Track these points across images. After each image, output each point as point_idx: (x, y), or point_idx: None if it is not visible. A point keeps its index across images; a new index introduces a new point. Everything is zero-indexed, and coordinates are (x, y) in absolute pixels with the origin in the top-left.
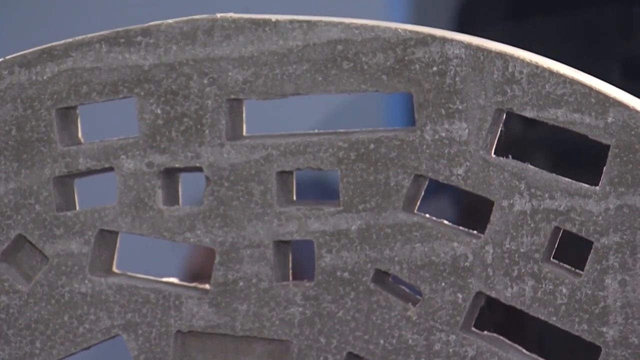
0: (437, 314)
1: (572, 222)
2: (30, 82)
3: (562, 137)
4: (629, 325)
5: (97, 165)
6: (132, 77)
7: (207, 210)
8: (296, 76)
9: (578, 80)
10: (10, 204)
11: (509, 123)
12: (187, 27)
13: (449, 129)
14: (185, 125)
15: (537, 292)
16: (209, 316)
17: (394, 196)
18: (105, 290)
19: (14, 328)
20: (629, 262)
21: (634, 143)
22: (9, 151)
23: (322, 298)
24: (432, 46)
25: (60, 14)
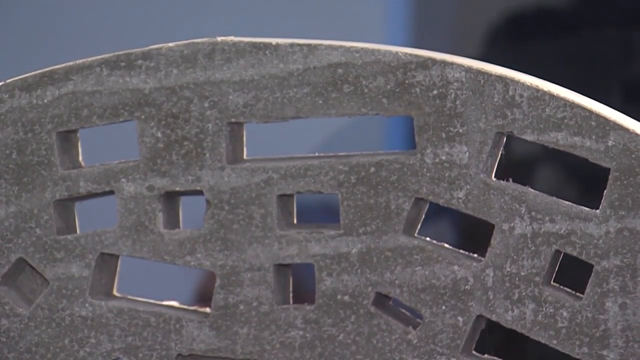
0: (438, 337)
1: (573, 246)
2: (31, 106)
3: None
4: (630, 348)
5: (98, 188)
6: (132, 100)
7: (208, 234)
8: (297, 99)
9: (578, 104)
10: (11, 227)
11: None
12: (188, 50)
13: (449, 152)
14: (186, 148)
15: (538, 315)
16: (210, 339)
17: (394, 219)
18: (106, 313)
19: (14, 351)
20: (630, 285)
21: (634, 166)
22: (10, 174)
23: (322, 321)
24: (433, 69)
25: (61, 37)
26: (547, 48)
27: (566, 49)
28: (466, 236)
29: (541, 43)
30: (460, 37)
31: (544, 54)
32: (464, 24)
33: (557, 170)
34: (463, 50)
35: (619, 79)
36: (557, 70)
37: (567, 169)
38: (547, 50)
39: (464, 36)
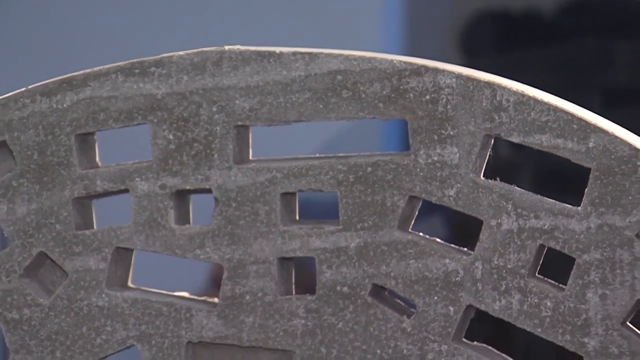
0: (430, 325)
1: (556, 240)
2: (51, 110)
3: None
4: (609, 336)
5: (114, 187)
6: (146, 105)
7: (216, 229)
8: (299, 104)
9: (561, 108)
10: (33, 223)
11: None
12: (197, 58)
13: (441, 153)
14: (196, 149)
15: (523, 305)
16: (218, 328)
17: (389, 216)
18: (121, 303)
19: (36, 339)
20: (609, 278)
21: (613, 166)
22: (31, 174)
23: (323, 311)
24: (426, 76)
25: (79, 46)
26: (533, 56)
27: (550, 57)
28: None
29: (527, 52)
30: (452, 46)
31: (530, 62)
32: (455, 33)
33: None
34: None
35: (598, 85)
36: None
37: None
38: (533, 58)
39: (455, 45)
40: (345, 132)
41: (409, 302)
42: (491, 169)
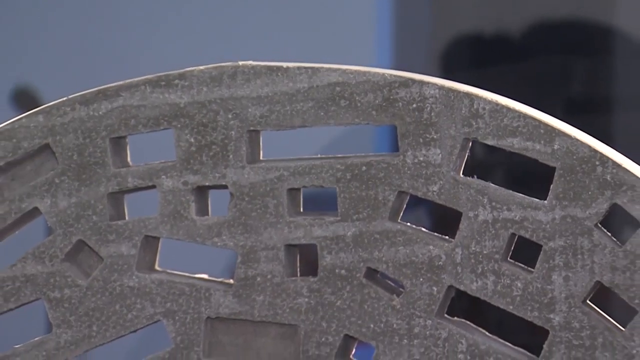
0: (417, 303)
1: (525, 229)
2: (88, 117)
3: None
4: (572, 312)
5: (143, 183)
6: (170, 112)
7: (231, 220)
8: (303, 112)
9: (530, 115)
10: (72, 215)
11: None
12: (215, 72)
13: (426, 154)
14: (214, 151)
15: (497, 285)
16: (233, 305)
17: (381, 208)
18: (149, 284)
19: (75, 315)
20: (572, 262)
21: (575, 166)
22: (71, 172)
23: (324, 290)
24: (413, 87)
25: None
26: (504, 71)
27: (519, 72)
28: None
29: (499, 67)
30: (435, 61)
31: (502, 76)
32: (438, 51)
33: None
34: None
35: (560, 96)
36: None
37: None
38: (504, 73)
39: (438, 60)
40: (343, 136)
41: (398, 283)
42: (469, 168)
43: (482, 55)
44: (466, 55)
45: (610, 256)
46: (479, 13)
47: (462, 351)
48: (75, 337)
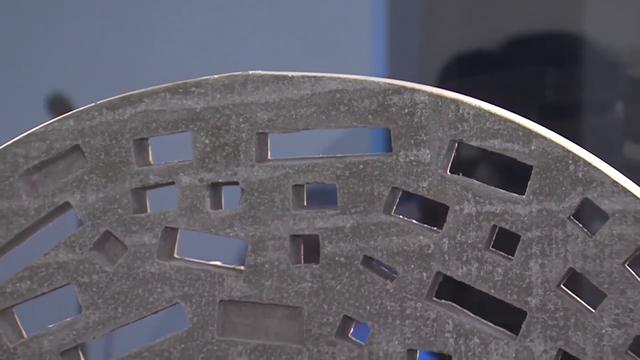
0: (408, 287)
1: (506, 221)
2: (114, 120)
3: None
4: (547, 296)
5: (163, 180)
6: (188, 117)
7: (242, 213)
8: (306, 116)
9: (510, 119)
10: (100, 208)
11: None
12: (228, 80)
13: (416, 154)
14: (226, 151)
15: (480, 272)
16: (243, 289)
17: (376, 202)
18: (169, 270)
19: (102, 298)
20: (547, 250)
21: (550, 164)
22: (99, 170)
23: (325, 276)
24: (405, 94)
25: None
26: (487, 80)
27: (500, 81)
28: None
29: (483, 76)
30: (425, 71)
31: (485, 84)
32: (427, 61)
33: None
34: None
35: (536, 101)
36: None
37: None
38: (487, 81)
39: (428, 70)
40: (342, 138)
41: (391, 269)
42: (455, 166)
43: (467, 66)
44: (452, 66)
45: (581, 245)
46: (463, 29)
47: (449, 330)
48: (102, 317)
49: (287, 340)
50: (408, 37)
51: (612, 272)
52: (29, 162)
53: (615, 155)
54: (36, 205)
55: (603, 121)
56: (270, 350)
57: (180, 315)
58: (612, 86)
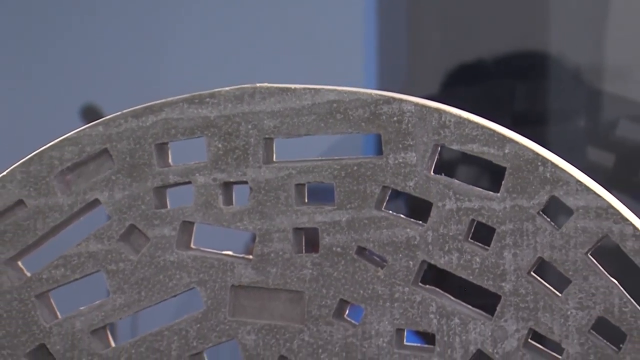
0: (397, 274)
1: (482, 216)
2: (138, 127)
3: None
4: (519, 281)
5: (180, 180)
6: (203, 124)
7: (251, 208)
8: (307, 123)
9: (486, 126)
10: (125, 204)
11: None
12: (238, 92)
13: (404, 157)
14: (237, 154)
15: (460, 260)
16: (252, 276)
17: (369, 199)
18: (186, 259)
19: (127, 283)
20: (519, 241)
21: (521, 166)
22: (125, 171)
23: (323, 264)
24: (394, 104)
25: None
26: (466, 91)
27: (477, 92)
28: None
29: (462, 88)
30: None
31: (464, 95)
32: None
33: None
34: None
35: (509, 110)
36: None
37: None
38: (466, 92)
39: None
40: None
41: (382, 258)
42: (438, 167)
43: (448, 79)
44: (436, 79)
45: (549, 237)
46: (446, 46)
47: (432, 312)
48: (127, 300)
49: (291, 320)
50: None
51: (577, 260)
52: (63, 164)
53: (578, 157)
54: (69, 202)
55: (567, 128)
56: (276, 329)
57: (196, 299)
58: (574, 98)
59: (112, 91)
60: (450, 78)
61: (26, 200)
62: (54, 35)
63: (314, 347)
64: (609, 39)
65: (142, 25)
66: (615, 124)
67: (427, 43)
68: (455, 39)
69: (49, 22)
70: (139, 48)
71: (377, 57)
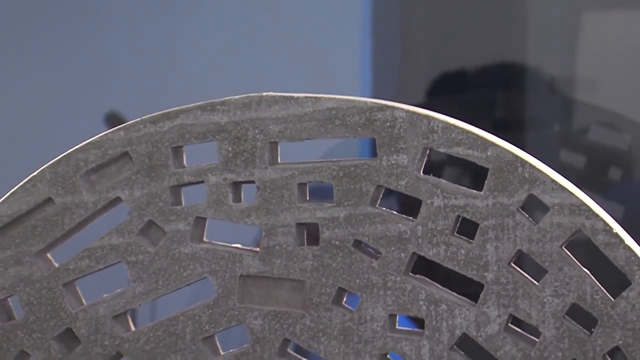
0: (390, 265)
1: (467, 212)
2: (156, 132)
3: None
4: (500, 271)
5: (194, 179)
6: (214, 129)
7: (258, 205)
8: (309, 128)
9: (470, 131)
10: (144, 202)
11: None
12: (246, 100)
13: (396, 159)
14: (245, 156)
15: (447, 252)
16: (259, 266)
17: (364, 197)
18: (199, 251)
19: (146, 273)
20: (500, 235)
21: (502, 167)
22: (144, 171)
23: (323, 256)
24: (387, 111)
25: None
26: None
27: (462, 100)
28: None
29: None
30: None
31: (451, 103)
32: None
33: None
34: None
35: (490, 117)
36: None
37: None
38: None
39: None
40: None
41: (376, 250)
42: (427, 168)
43: (436, 89)
44: (424, 89)
45: (528, 231)
46: (432, 60)
47: (422, 299)
48: (146, 289)
49: (293, 307)
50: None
51: (552, 252)
52: (88, 165)
53: (552, 159)
54: (93, 199)
55: (543, 133)
56: (280, 314)
57: (208, 287)
58: (549, 106)
59: (133, 100)
60: (438, 88)
61: (55, 198)
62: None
63: (314, 330)
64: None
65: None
66: (586, 129)
67: (416, 58)
68: (441, 53)
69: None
70: (158, 62)
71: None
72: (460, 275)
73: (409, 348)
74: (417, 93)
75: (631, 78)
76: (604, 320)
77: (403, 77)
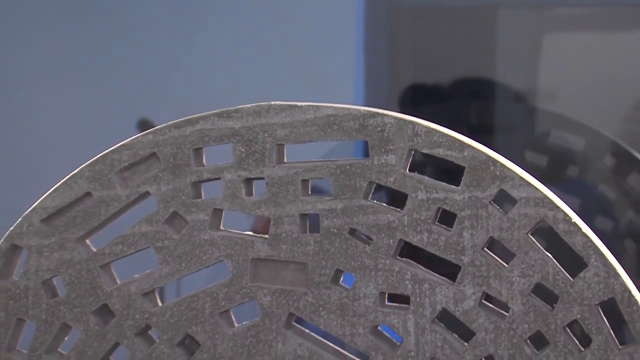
0: (380, 249)
1: (447, 204)
2: (179, 135)
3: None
4: (475, 255)
5: (212, 176)
6: (229, 133)
7: (267, 199)
8: (311, 133)
9: (449, 134)
10: (170, 195)
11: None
12: (257, 108)
13: (385, 159)
14: (256, 157)
15: (429, 239)
16: (268, 251)
17: (358, 192)
18: (217, 238)
19: (171, 257)
20: (475, 224)
21: (477, 165)
22: (169, 169)
23: (323, 242)
24: (377, 118)
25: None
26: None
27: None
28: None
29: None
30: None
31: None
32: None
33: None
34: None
35: (466, 123)
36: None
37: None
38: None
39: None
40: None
41: (369, 237)
42: (412, 167)
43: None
44: (409, 98)
45: (499, 221)
46: (417, 74)
47: (407, 279)
48: (171, 270)
49: (298, 285)
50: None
51: (520, 239)
52: (122, 164)
53: (519, 159)
54: (126, 194)
55: (511, 136)
56: (286, 292)
57: (224, 269)
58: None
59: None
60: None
61: (92, 192)
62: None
63: (315, 306)
64: (542, 68)
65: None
66: (547, 133)
67: (403, 72)
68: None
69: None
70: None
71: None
72: (439, 258)
73: (397, 321)
74: (404, 102)
75: (585, 89)
76: (564, 297)
77: (391, 89)
